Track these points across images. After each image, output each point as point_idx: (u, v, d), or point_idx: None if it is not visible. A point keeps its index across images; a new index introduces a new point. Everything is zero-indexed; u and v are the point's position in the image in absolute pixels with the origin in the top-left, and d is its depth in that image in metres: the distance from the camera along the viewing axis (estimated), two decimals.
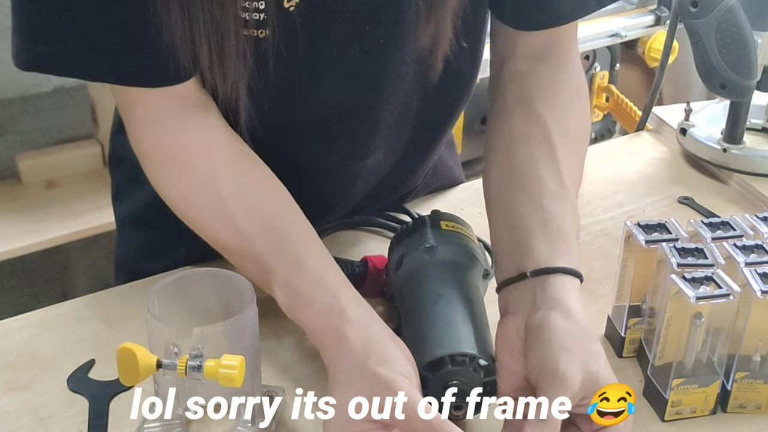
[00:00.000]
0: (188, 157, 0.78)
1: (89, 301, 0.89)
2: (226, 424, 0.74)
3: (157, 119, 0.78)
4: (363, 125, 0.86)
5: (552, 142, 0.80)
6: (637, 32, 2.11)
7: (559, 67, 0.87)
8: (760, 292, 0.72)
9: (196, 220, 0.79)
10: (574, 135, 0.83)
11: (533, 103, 0.83)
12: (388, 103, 0.85)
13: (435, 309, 0.75)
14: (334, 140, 0.86)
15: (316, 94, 0.82)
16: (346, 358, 0.69)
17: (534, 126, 0.82)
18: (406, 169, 0.97)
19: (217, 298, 0.72)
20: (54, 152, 1.90)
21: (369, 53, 0.80)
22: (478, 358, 0.72)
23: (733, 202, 1.08)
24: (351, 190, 0.93)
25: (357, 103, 0.83)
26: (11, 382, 0.78)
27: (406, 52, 0.81)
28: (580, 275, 0.75)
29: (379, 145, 0.88)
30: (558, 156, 0.80)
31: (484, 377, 0.72)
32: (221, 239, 0.78)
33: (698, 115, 1.17)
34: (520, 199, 0.79)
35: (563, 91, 0.86)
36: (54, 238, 1.75)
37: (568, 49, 0.88)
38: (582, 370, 0.67)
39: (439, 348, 0.72)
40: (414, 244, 0.82)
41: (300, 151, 0.86)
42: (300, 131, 0.85)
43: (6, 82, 1.85)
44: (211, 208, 0.77)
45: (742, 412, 0.78)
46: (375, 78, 0.82)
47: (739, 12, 1.02)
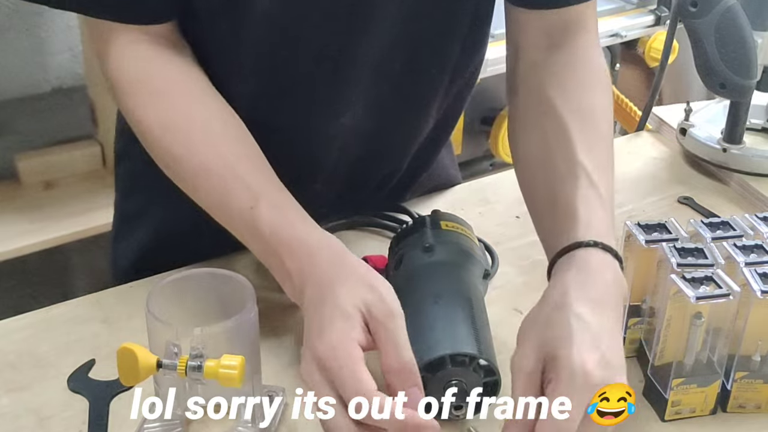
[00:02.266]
0: (168, 87, 0.79)
1: (89, 301, 0.89)
2: (226, 424, 0.74)
3: (136, 52, 0.79)
4: (342, 76, 0.85)
5: (563, 123, 0.78)
6: (637, 32, 2.11)
7: (571, 50, 0.84)
8: (760, 292, 0.72)
9: (173, 146, 0.78)
10: (586, 113, 0.80)
11: (544, 89, 0.82)
12: (369, 55, 0.84)
13: (435, 309, 0.75)
14: (313, 92, 0.86)
15: (302, 39, 0.82)
16: (350, 269, 0.70)
17: (546, 113, 0.80)
18: (389, 136, 0.95)
19: (217, 298, 0.72)
20: (53, 152, 1.90)
21: (360, 3, 0.79)
22: (478, 358, 0.72)
23: (733, 202, 1.08)
24: (331, 150, 0.92)
25: (340, 50, 0.83)
26: (11, 382, 0.78)
27: (394, 5, 0.81)
28: (593, 242, 0.70)
29: (358, 99, 0.87)
30: (570, 134, 0.77)
31: (484, 377, 0.72)
32: (203, 163, 0.77)
33: (698, 115, 1.17)
34: (537, 192, 0.79)
35: (573, 73, 0.83)
36: (53, 238, 1.75)
37: (587, 29, 0.85)
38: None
39: (439, 348, 0.72)
40: (414, 244, 0.82)
41: (277, 105, 0.86)
42: (279, 82, 0.85)
43: (5, 82, 1.85)
44: (196, 132, 0.77)
45: (742, 412, 0.78)
46: (360, 24, 0.81)
47: (738, 12, 1.02)
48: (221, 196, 0.76)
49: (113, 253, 1.05)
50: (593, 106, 0.81)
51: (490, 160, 2.17)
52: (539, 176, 0.79)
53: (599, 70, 0.85)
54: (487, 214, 1.01)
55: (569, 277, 0.69)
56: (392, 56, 0.86)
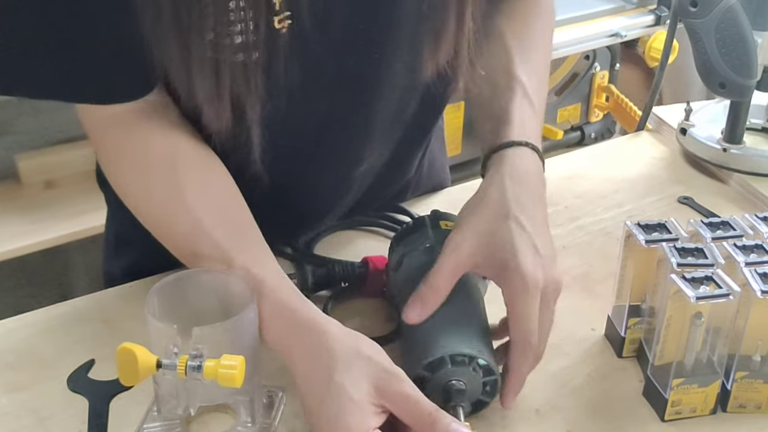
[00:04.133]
0: (149, 154, 0.78)
1: (89, 301, 0.89)
2: (226, 424, 0.74)
3: (118, 121, 0.77)
4: (358, 136, 0.86)
5: (506, 47, 0.88)
6: (637, 32, 2.11)
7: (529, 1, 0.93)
8: (760, 292, 0.72)
9: (152, 214, 0.79)
10: (526, 36, 0.90)
11: (496, 24, 0.89)
12: (383, 111, 0.85)
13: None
14: (329, 153, 0.86)
15: (312, 112, 0.81)
16: (337, 346, 0.68)
17: (494, 42, 0.88)
18: (399, 166, 0.98)
19: (217, 298, 0.72)
20: (53, 152, 1.90)
21: (363, 67, 0.80)
22: (478, 358, 0.72)
23: (733, 202, 1.08)
24: (346, 196, 0.93)
25: (352, 117, 0.83)
26: (11, 382, 0.78)
27: (399, 60, 0.81)
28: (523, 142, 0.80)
29: (373, 150, 0.88)
30: (511, 55, 0.87)
31: (484, 377, 0.72)
32: (178, 230, 0.77)
33: (698, 114, 1.17)
34: (479, 111, 0.87)
35: (521, 6, 0.92)
36: (53, 238, 1.75)
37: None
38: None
39: (438, 348, 0.72)
40: (414, 244, 0.82)
41: (294, 165, 0.86)
42: (295, 148, 0.85)
43: None
44: (170, 201, 0.77)
45: (742, 411, 0.78)
46: (372, 90, 0.82)
47: (738, 12, 1.02)
48: (194, 264, 0.76)
49: (107, 268, 1.05)
50: (534, 30, 0.91)
51: None
52: (484, 92, 0.86)
53: (549, 15, 0.96)
54: None
55: (505, 177, 0.78)
56: (403, 106, 0.86)
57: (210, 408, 0.74)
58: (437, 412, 0.66)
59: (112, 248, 1.05)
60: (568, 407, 0.77)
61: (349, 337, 0.69)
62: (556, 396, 0.78)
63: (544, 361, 0.77)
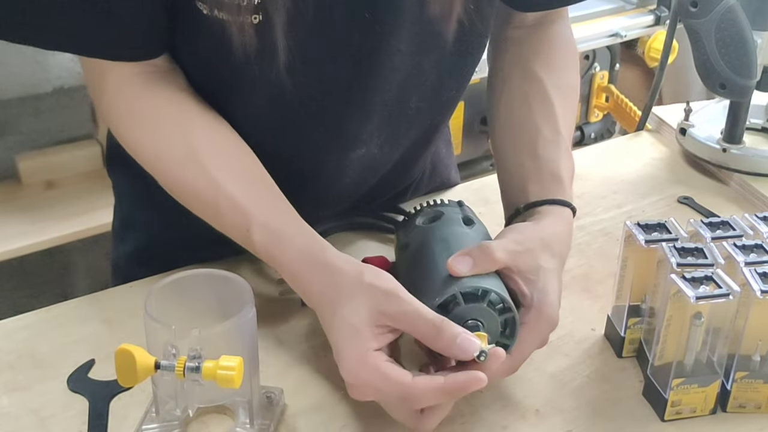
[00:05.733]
0: (160, 114, 0.80)
1: (89, 301, 0.89)
2: (225, 425, 0.74)
3: (127, 83, 0.79)
4: (356, 116, 0.85)
5: (548, 96, 0.89)
6: (636, 32, 2.11)
7: (551, 32, 0.95)
8: (759, 292, 0.72)
9: (168, 173, 0.80)
10: (566, 90, 0.91)
11: (529, 64, 0.91)
12: (382, 93, 0.84)
13: (443, 258, 0.74)
14: (325, 130, 0.86)
15: (315, 79, 0.82)
16: (342, 280, 0.71)
17: (531, 84, 0.90)
18: (406, 166, 0.98)
19: (216, 299, 0.72)
20: (54, 153, 1.90)
21: (366, 41, 0.80)
22: (491, 292, 0.70)
23: (733, 202, 1.08)
24: (341, 181, 0.92)
25: (350, 90, 0.83)
26: (11, 382, 0.78)
27: (400, 42, 0.81)
28: (571, 205, 0.83)
29: (371, 137, 0.88)
30: (554, 108, 0.88)
31: (501, 315, 0.71)
32: (194, 188, 0.79)
33: (698, 115, 1.17)
34: (518, 149, 0.87)
35: (556, 53, 0.94)
36: (54, 238, 1.75)
37: (562, 16, 0.96)
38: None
39: (448, 288, 0.71)
40: (441, 216, 0.83)
41: (286, 137, 0.86)
42: (293, 123, 0.85)
43: (6, 82, 1.85)
44: (184, 158, 0.78)
45: (742, 411, 0.78)
46: (369, 66, 0.81)
47: (738, 12, 1.02)
48: (215, 219, 0.79)
49: (114, 256, 1.06)
50: (572, 85, 0.93)
51: (490, 160, 2.18)
52: (524, 137, 0.87)
53: (575, 51, 0.98)
54: (487, 214, 1.01)
55: (556, 227, 0.80)
56: (406, 95, 0.86)
57: (209, 409, 0.74)
58: (443, 323, 0.67)
59: (118, 237, 1.05)
60: (568, 407, 0.77)
61: (355, 270, 0.72)
62: (556, 396, 0.78)
63: (544, 362, 0.77)
